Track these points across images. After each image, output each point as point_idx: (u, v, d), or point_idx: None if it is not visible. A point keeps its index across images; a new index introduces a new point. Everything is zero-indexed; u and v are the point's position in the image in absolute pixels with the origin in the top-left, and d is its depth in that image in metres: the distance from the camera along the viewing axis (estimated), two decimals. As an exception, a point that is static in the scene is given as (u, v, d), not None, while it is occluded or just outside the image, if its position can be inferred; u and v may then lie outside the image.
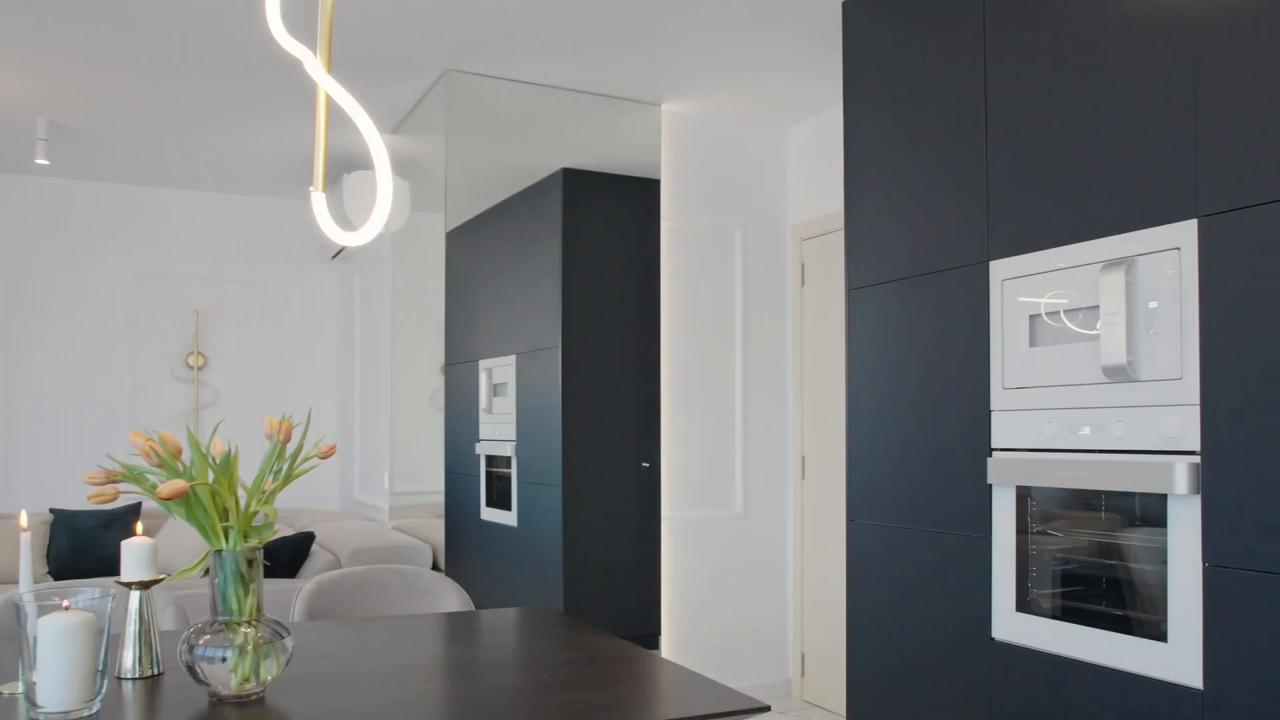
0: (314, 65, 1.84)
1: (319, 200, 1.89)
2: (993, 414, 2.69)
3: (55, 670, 1.49)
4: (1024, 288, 2.60)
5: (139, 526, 1.92)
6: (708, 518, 4.60)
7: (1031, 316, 2.58)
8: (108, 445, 5.80)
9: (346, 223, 5.52)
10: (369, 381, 5.92)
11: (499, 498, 4.62)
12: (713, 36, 3.74)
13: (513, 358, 4.55)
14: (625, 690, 1.69)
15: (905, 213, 3.06)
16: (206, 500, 1.61)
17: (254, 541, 1.65)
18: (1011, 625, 2.59)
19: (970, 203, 2.79)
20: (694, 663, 4.49)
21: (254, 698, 1.61)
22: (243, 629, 1.60)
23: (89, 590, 1.59)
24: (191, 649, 1.58)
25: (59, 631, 1.50)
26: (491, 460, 4.64)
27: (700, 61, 4.00)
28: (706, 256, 4.69)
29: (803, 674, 4.63)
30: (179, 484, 1.51)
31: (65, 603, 1.54)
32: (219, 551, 1.62)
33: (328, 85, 1.82)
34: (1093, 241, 2.40)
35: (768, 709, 1.57)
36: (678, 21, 3.60)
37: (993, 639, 2.65)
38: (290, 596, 2.79)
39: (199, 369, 6.16)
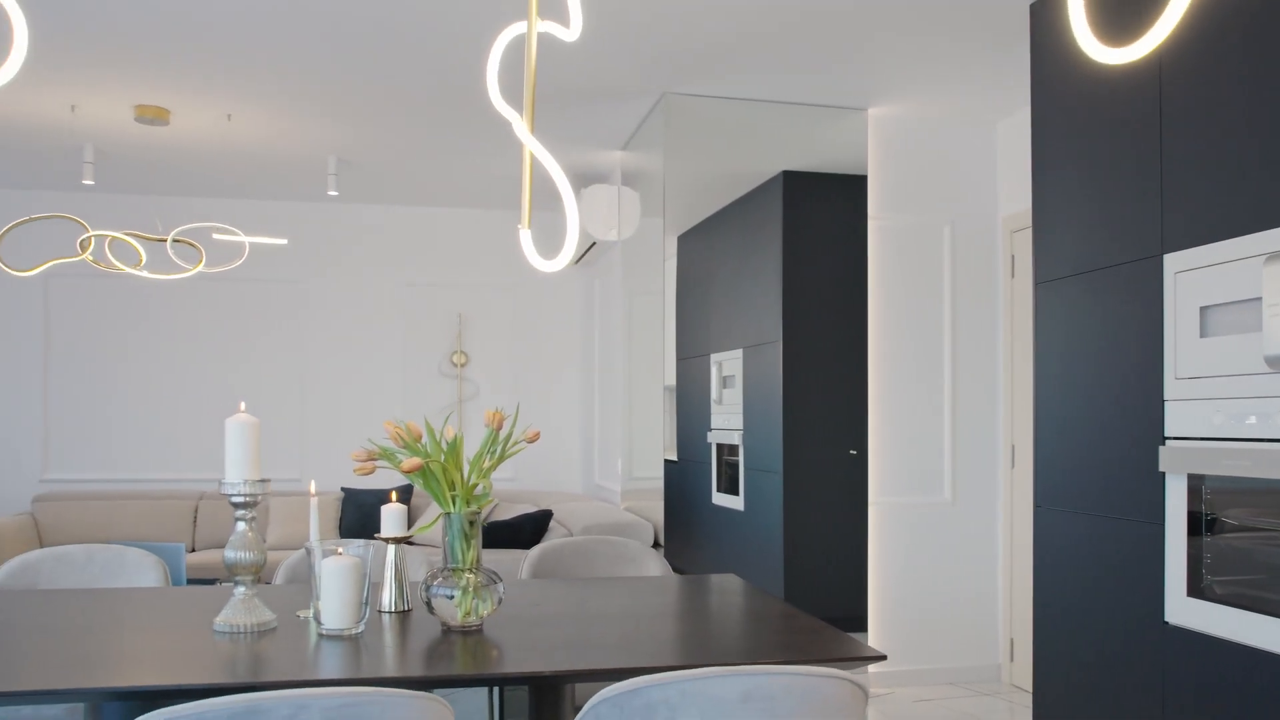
0: (520, 128, 2.27)
1: (525, 236, 2.33)
2: (1165, 404, 2.74)
3: (332, 599, 2.02)
4: (1195, 280, 2.63)
5: (394, 495, 2.45)
6: (915, 504, 4.74)
7: (1202, 308, 2.62)
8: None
9: (583, 233, 6.10)
10: (607, 375, 6.48)
11: (728, 484, 5.00)
12: (915, 44, 3.91)
13: (740, 351, 4.90)
14: (759, 634, 2.00)
15: (1086, 208, 3.13)
16: (438, 474, 2.09)
17: (474, 507, 2.11)
18: (1184, 610, 2.65)
19: (1145, 198, 2.83)
20: (900, 646, 4.65)
21: (473, 628, 2.07)
22: (465, 574, 2.07)
23: (356, 543, 2.11)
24: (428, 589, 2.07)
25: (335, 571, 2.03)
26: (721, 448, 5.02)
27: (905, 69, 4.17)
28: (914, 251, 4.83)
29: (1011, 659, 4.68)
30: (415, 461, 1.99)
31: (340, 549, 2.07)
32: (448, 514, 2.10)
33: (532, 145, 2.24)
34: (1261, 233, 2.42)
35: (883, 658, 1.83)
36: (882, 34, 3.79)
37: (1166, 623, 2.71)
38: (523, 560, 3.29)
39: (462, 366, 6.96)
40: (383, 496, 6.13)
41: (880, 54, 4.02)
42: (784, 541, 4.57)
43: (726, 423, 5.01)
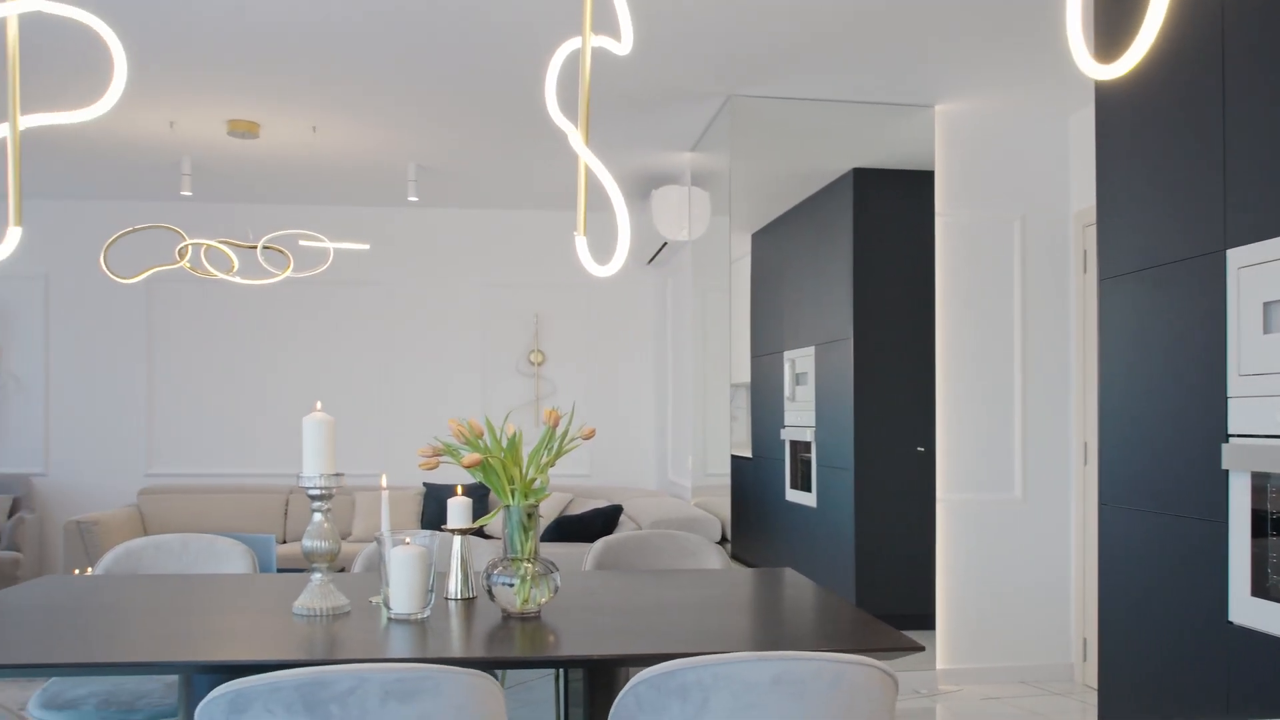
0: (576, 139, 2.38)
1: (581, 242, 2.43)
2: (1229, 401, 2.71)
3: (400, 585, 2.16)
4: (1259, 275, 2.60)
5: (460, 489, 2.58)
6: (984, 501, 4.72)
7: (1266, 304, 2.58)
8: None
9: (654, 233, 6.20)
10: (678, 372, 6.57)
11: (801, 480, 5.05)
12: (982, 41, 3.88)
13: (812, 348, 4.95)
14: (802, 623, 2.07)
15: (1150, 204, 3.10)
16: (498, 469, 2.21)
17: (532, 500, 2.23)
18: (1248, 610, 2.62)
19: (1209, 192, 2.80)
20: (969, 644, 4.64)
21: (531, 615, 2.19)
22: (524, 563, 2.19)
23: (423, 533, 2.24)
24: (489, 576, 2.19)
25: (402, 559, 2.17)
26: (795, 445, 5.07)
27: (972, 65, 4.16)
28: (982, 247, 4.80)
29: (1084, 658, 4.62)
30: (475, 456, 2.12)
31: (407, 539, 2.21)
32: (507, 506, 2.22)
33: (586, 156, 2.34)
34: (1322, 227, 2.38)
35: (920, 649, 1.88)
36: (947, 31, 3.79)
37: (1229, 623, 2.68)
38: (587, 553, 3.40)
39: (539, 365, 7.13)
40: (464, 491, 6.35)
41: (947, 51, 4.01)
42: (855, 538, 4.60)
43: (799, 419, 5.06)
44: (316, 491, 2.26)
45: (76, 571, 5.14)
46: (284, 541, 6.24)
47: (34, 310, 6.68)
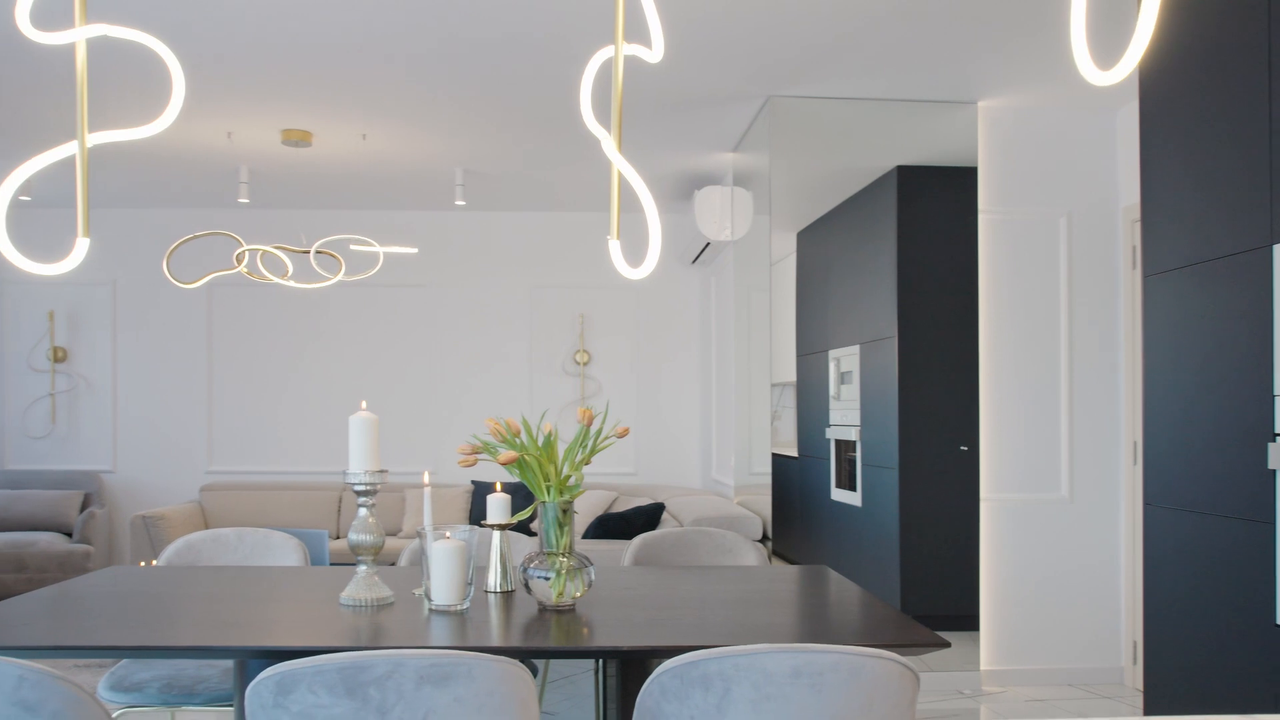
0: (609, 146, 2.44)
1: (615, 246, 2.50)
2: (1275, 399, 2.68)
3: (441, 578, 2.25)
4: (1300, 272, 2.58)
5: (499, 485, 2.66)
6: (1030, 501, 4.69)
7: (1308, 300, 2.56)
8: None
9: (697, 233, 6.25)
10: (722, 371, 6.61)
11: (846, 479, 5.06)
12: (1025, 35, 3.87)
13: (857, 347, 4.96)
14: (829, 618, 2.11)
15: (1194, 198, 3.07)
16: (534, 466, 2.28)
17: (567, 496, 2.30)
18: (1289, 611, 2.59)
19: (1254, 187, 2.78)
20: (1015, 645, 4.62)
21: (566, 608, 2.26)
22: (559, 558, 2.26)
23: (462, 528, 2.33)
24: (525, 570, 2.27)
25: (442, 553, 2.25)
26: (840, 444, 5.09)
27: (1015, 60, 4.14)
28: (1027, 244, 4.77)
29: (1135, 661, 4.57)
30: (511, 454, 2.20)
31: (448, 534, 2.29)
32: (543, 502, 2.29)
33: (619, 163, 2.40)
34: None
35: (947, 645, 1.92)
36: (989, 27, 3.79)
37: (1277, 626, 2.66)
38: (626, 549, 3.47)
39: (584, 365, 7.22)
40: (508, 488, 6.47)
41: (989, 47, 4.00)
42: (900, 538, 4.61)
43: (844, 419, 5.07)
44: (361, 487, 2.36)
45: (142, 563, 5.35)
46: (336, 537, 6.40)
47: (102, 315, 6.94)
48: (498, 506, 2.53)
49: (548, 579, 2.25)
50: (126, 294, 6.96)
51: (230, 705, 2.55)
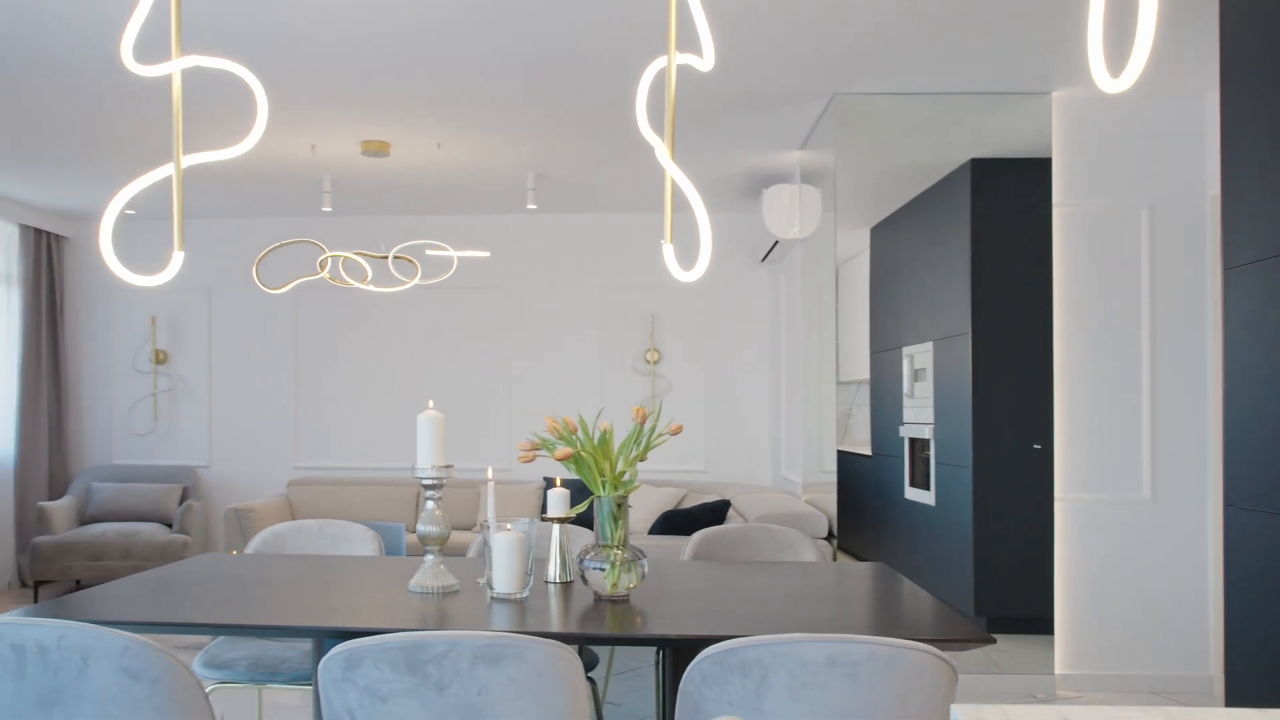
0: (662, 153, 2.53)
1: (668, 250, 2.58)
2: (1342, 397, 2.63)
3: (501, 567, 2.36)
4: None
5: (559, 480, 2.77)
6: (1108, 501, 4.62)
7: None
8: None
9: (766, 232, 6.29)
10: (792, 369, 6.63)
11: (920, 478, 5.05)
12: (1104, 21, 3.81)
13: (930, 344, 4.95)
14: (876, 611, 2.16)
15: (1276, 188, 3.01)
16: (590, 462, 2.38)
17: (621, 491, 2.39)
18: (1358, 612, 2.54)
19: (1317, 181, 2.72)
20: (1093, 650, 4.55)
21: (621, 598, 2.35)
22: (614, 550, 2.35)
23: (523, 521, 2.44)
24: (581, 562, 2.37)
25: (503, 544, 2.37)
26: (914, 443, 5.08)
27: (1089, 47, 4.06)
28: (1105, 237, 4.69)
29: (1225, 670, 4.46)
30: (566, 450, 2.30)
31: (508, 526, 2.41)
32: (598, 497, 2.39)
33: (672, 170, 2.49)
34: None
35: (992, 641, 1.95)
36: (1060, 15, 3.74)
37: (1343, 626, 2.60)
38: (686, 544, 3.55)
39: (654, 363, 7.31)
40: (579, 484, 6.61)
41: (1061, 35, 3.94)
42: (974, 538, 4.59)
43: (918, 416, 5.06)
44: (429, 481, 2.49)
45: (233, 552, 5.63)
46: (414, 530, 6.63)
47: (199, 320, 7.29)
48: (557, 501, 2.64)
49: (602, 570, 2.34)
50: (221, 300, 7.30)
51: (309, 684, 2.71)
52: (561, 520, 2.61)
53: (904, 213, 5.07)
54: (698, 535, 3.30)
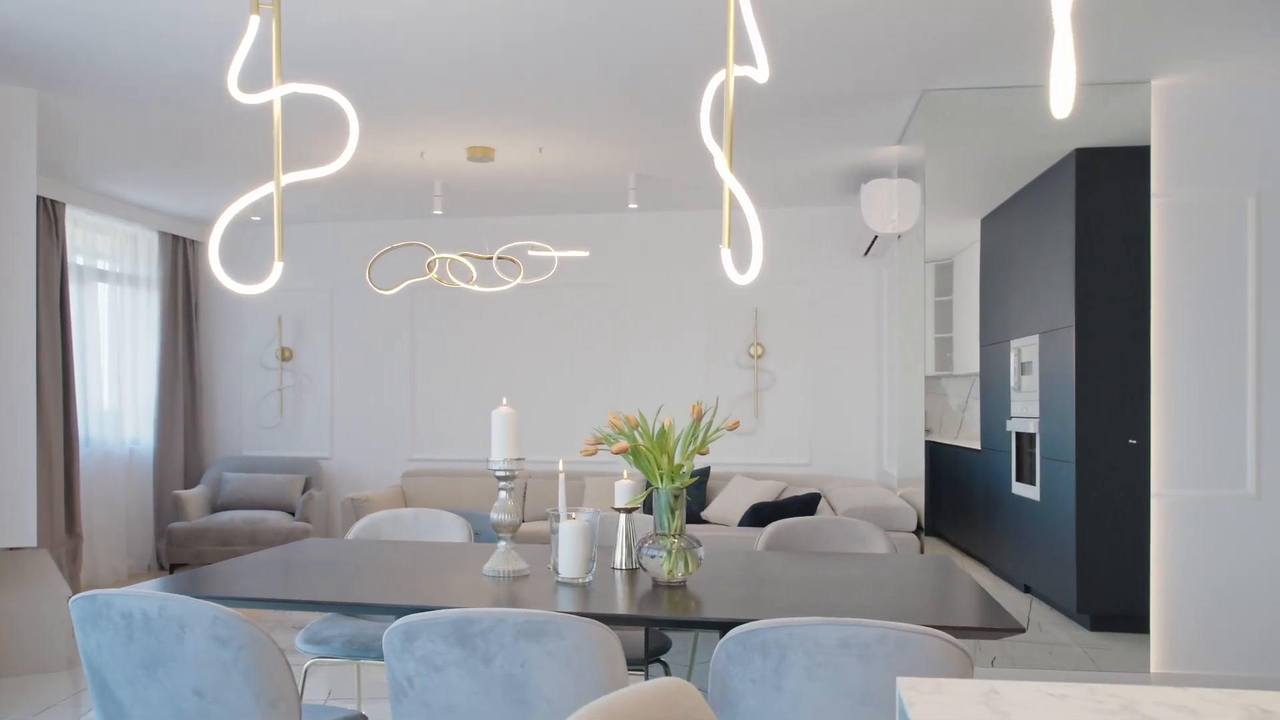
0: (720, 163, 2.63)
1: (726, 254, 2.69)
2: None
3: (566, 553, 2.53)
4: None
5: (626, 473, 2.91)
6: (1209, 498, 4.47)
7: None
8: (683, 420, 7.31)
9: (866, 226, 6.29)
10: (892, 363, 6.61)
11: (1026, 473, 5.01)
12: (1199, 7, 3.69)
13: (1036, 337, 4.90)
14: (919, 600, 2.22)
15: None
16: (647, 456, 2.52)
17: (678, 484, 2.52)
18: None
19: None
20: (1191, 650, 4.42)
21: (677, 584, 2.48)
22: (670, 539, 2.48)
23: (588, 510, 2.60)
24: (640, 550, 2.51)
25: (568, 531, 2.53)
26: (1020, 437, 5.04)
27: (1194, 32, 3.94)
28: (1208, 226, 4.54)
29: (1326, 671, 4.27)
30: (623, 444, 2.44)
31: (573, 514, 2.57)
32: (656, 489, 2.52)
33: (729, 181, 2.59)
34: None
35: (1021, 630, 2.00)
36: (1156, 2, 3.65)
37: None
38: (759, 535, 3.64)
39: (758, 358, 7.38)
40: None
41: (1161, 22, 3.84)
42: (1076, 534, 4.52)
43: (1024, 410, 5.01)
44: (502, 473, 2.67)
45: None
46: (522, 519, 6.88)
47: (321, 319, 7.76)
48: (624, 492, 2.79)
49: (658, 557, 2.48)
50: (341, 300, 7.75)
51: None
52: (628, 510, 2.76)
53: (1012, 203, 5.01)
54: (771, 526, 3.40)
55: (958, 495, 5.69)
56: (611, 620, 1.99)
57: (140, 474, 6.94)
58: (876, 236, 6.47)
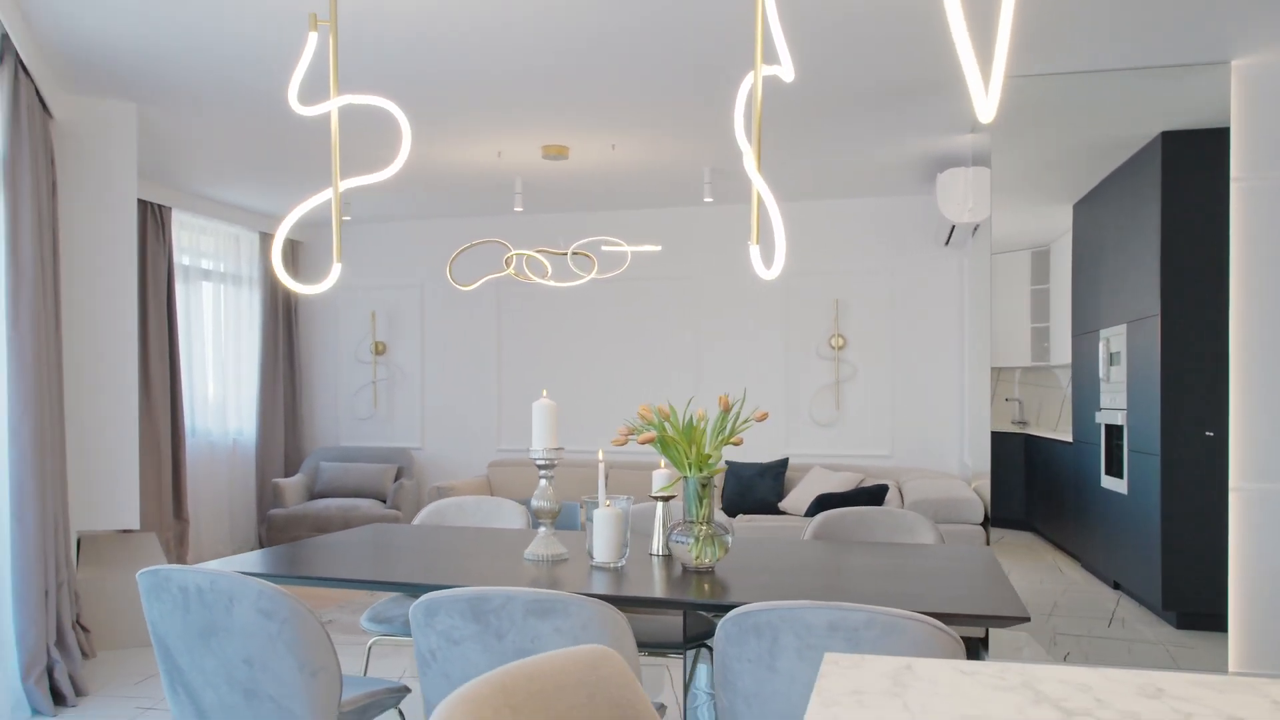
0: (749, 162, 2.70)
1: (754, 251, 2.75)
2: None
3: (600, 539, 2.64)
4: None
5: (663, 463, 3.00)
6: (1293, 492, 4.30)
7: None
8: (771, 411, 7.32)
9: (942, 218, 6.21)
10: (972, 354, 6.51)
11: (1115, 466, 4.92)
12: None
13: (1124, 326, 4.80)
14: (939, 590, 2.26)
15: None
16: (676, 446, 2.61)
17: (706, 473, 2.60)
18: None
19: None
20: (1272, 652, 4.26)
21: (705, 569, 2.56)
22: (698, 525, 2.57)
23: (621, 498, 2.70)
24: (669, 536, 2.60)
25: (603, 518, 2.64)
26: (1109, 429, 4.95)
27: (1273, 10, 3.80)
28: (1293, 211, 4.37)
29: None
30: (650, 434, 2.54)
31: (608, 503, 2.68)
32: (685, 477, 2.61)
33: (756, 181, 2.65)
34: None
35: (1026, 619, 2.02)
36: None
37: None
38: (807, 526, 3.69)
39: (839, 349, 7.36)
40: (759, 469, 6.79)
41: (1235, 1, 3.71)
42: (1161, 529, 4.43)
43: (1113, 401, 4.91)
44: (542, 461, 2.80)
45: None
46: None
47: (412, 313, 8.07)
48: (660, 480, 2.88)
49: (686, 544, 2.57)
50: (431, 294, 8.04)
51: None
52: (665, 498, 2.85)
53: (1102, 188, 4.92)
54: (819, 516, 3.44)
55: (1052, 490, 5.59)
56: (612, 600, 2.10)
57: (243, 463, 7.37)
58: (954, 226, 6.38)
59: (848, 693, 1.04)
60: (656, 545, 2.85)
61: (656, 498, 2.87)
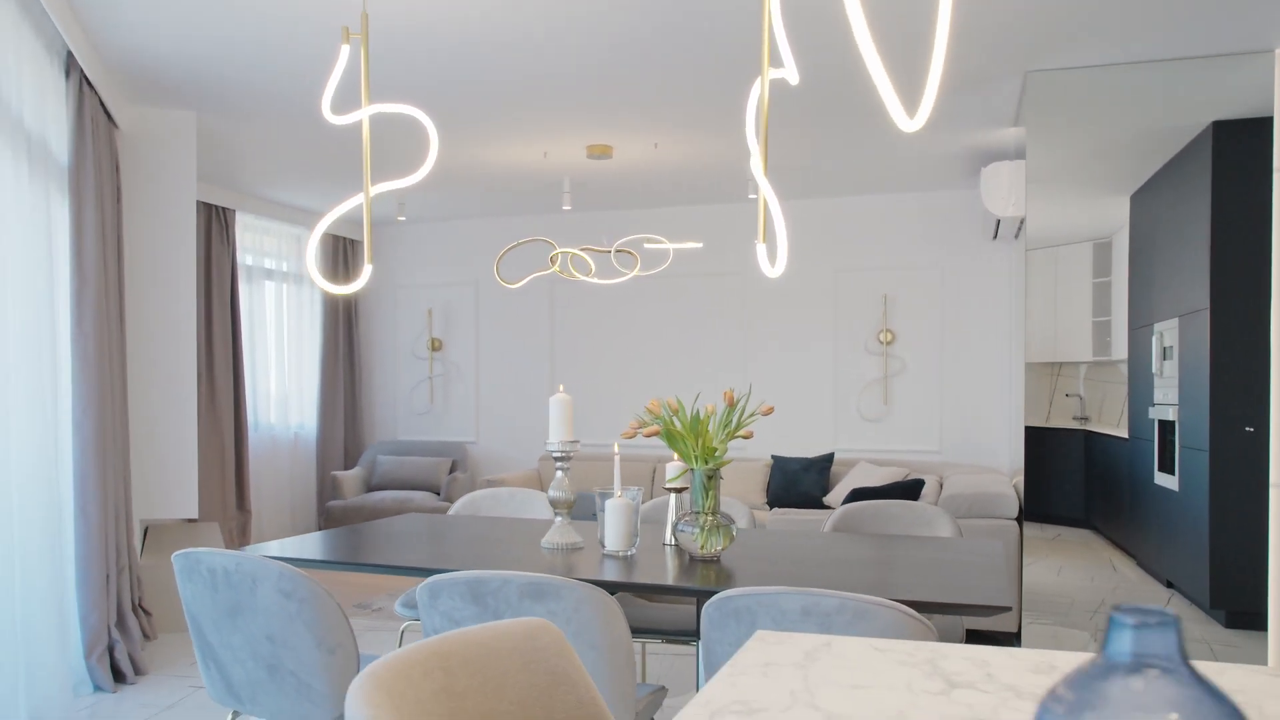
0: (756, 164, 2.77)
1: (761, 250, 2.82)
2: None
3: (610, 529, 2.74)
4: None
5: (677, 455, 3.09)
6: (1339, 489, 4.21)
7: None
8: (818, 406, 7.36)
9: (986, 213, 6.17)
10: (1018, 349, 6.45)
11: (1167, 462, 4.87)
12: None
13: (1176, 320, 4.76)
14: (931, 580, 2.31)
15: None
16: (683, 439, 2.70)
17: (712, 465, 2.69)
18: None
19: None
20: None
21: (711, 558, 2.65)
22: (704, 515, 2.66)
23: (633, 489, 2.80)
24: (676, 526, 2.69)
25: (613, 508, 2.74)
26: (1162, 425, 4.90)
27: None
28: (1343, 201, 4.27)
29: None
30: (654, 428, 2.63)
31: (619, 493, 2.78)
32: (692, 469, 2.70)
33: (761, 182, 2.73)
34: None
35: (1007, 609, 2.07)
36: None
37: None
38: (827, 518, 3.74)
39: (887, 344, 7.34)
40: (804, 463, 6.82)
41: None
42: (1209, 527, 4.38)
43: (1165, 397, 4.86)
44: (558, 454, 2.91)
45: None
46: (649, 498, 7.14)
47: (467, 311, 8.28)
48: (673, 472, 2.97)
49: (692, 533, 2.66)
50: (485, 292, 8.24)
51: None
52: (677, 490, 2.94)
53: (1157, 179, 4.86)
54: (840, 510, 3.50)
55: (1109, 487, 5.53)
56: (608, 587, 2.19)
57: (304, 455, 7.65)
58: (999, 220, 6.33)
59: (759, 665, 1.13)
60: (669, 535, 2.94)
61: (669, 489, 2.96)
